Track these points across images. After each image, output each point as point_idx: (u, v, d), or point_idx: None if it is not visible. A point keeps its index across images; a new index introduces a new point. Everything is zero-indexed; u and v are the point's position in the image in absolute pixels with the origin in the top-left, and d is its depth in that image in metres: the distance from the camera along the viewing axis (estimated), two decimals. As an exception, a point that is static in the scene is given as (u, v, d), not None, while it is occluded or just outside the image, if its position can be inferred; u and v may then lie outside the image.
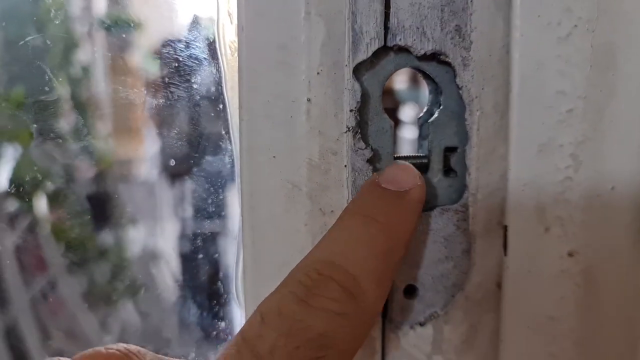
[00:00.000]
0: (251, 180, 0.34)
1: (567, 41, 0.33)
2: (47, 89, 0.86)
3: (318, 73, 0.33)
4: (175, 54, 0.52)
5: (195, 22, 0.54)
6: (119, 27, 0.88)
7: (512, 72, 0.34)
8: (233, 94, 0.33)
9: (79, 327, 0.91)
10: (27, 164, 0.89)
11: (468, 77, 0.34)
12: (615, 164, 0.34)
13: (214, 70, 0.42)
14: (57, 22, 0.85)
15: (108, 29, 0.88)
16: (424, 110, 0.37)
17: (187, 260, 0.89)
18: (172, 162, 0.83)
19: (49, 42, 0.82)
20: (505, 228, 0.35)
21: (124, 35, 0.88)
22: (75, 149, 0.91)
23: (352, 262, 0.28)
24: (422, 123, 0.37)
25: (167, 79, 0.56)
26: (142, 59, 0.82)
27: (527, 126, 0.34)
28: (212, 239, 0.81)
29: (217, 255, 0.81)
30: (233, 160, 0.45)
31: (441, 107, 0.36)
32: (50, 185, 0.91)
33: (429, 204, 0.36)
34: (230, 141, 0.42)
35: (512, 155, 0.34)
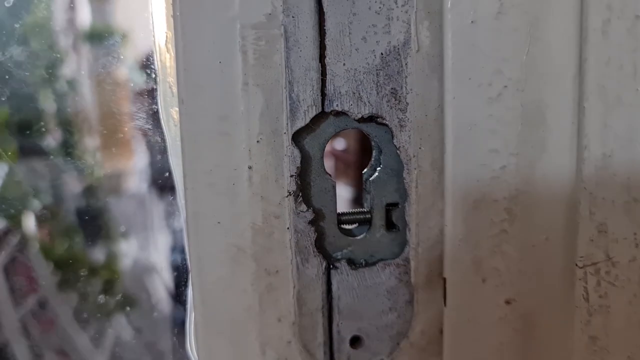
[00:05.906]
0: (198, 244, 0.35)
1: (498, 101, 0.34)
2: (31, 105, 0.87)
3: (258, 141, 0.34)
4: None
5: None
6: (103, 39, 0.89)
7: (446, 132, 0.35)
8: (178, 161, 0.35)
9: (70, 345, 0.93)
10: (14, 183, 0.90)
11: (405, 138, 0.36)
12: (549, 216, 0.36)
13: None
14: (41, 37, 0.86)
15: (92, 41, 0.89)
16: (369, 166, 0.39)
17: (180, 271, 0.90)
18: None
19: (32, 58, 0.83)
20: (444, 280, 0.36)
21: (108, 48, 0.89)
22: (62, 165, 0.92)
23: None
24: (367, 178, 0.38)
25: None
26: (128, 70, 0.83)
27: (462, 184, 0.35)
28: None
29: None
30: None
31: (381, 166, 0.37)
32: (37, 203, 0.92)
33: (372, 258, 0.37)
34: (178, 207, 0.43)
35: (449, 210, 0.36)
